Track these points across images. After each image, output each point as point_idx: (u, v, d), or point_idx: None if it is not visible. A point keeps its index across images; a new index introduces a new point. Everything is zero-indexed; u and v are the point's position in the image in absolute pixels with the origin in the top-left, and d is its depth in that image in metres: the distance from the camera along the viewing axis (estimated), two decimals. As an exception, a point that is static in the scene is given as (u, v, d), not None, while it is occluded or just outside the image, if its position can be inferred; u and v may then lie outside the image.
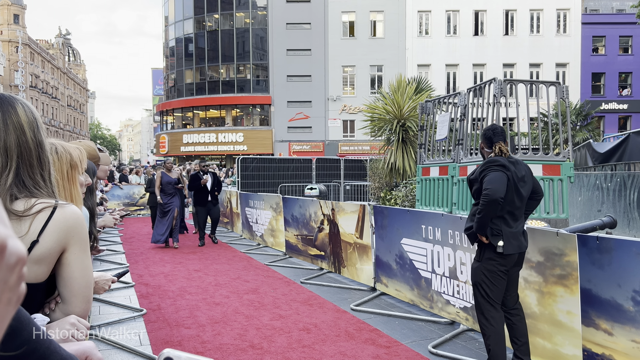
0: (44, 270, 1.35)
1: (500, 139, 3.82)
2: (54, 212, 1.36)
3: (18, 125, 1.37)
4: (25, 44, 54.39)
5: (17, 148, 1.36)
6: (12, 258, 0.46)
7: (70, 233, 1.38)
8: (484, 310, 3.65)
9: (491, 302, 3.62)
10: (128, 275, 7.46)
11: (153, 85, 61.89)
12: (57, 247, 1.36)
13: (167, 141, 38.91)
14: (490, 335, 3.61)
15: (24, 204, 1.34)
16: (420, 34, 34.85)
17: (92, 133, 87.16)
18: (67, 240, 1.37)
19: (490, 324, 3.61)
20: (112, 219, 3.31)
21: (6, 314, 0.48)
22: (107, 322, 5.21)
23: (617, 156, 11.02)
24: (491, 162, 3.65)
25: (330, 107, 35.12)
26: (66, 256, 1.38)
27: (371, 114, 13.64)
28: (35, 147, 1.39)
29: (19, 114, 1.38)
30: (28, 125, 1.39)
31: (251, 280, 7.26)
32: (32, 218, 1.33)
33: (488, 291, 3.61)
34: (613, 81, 35.40)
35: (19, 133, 1.37)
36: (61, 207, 1.38)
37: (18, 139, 1.36)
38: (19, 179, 1.36)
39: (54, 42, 68.73)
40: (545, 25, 34.78)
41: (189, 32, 38.38)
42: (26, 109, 1.41)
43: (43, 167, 1.41)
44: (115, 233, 12.44)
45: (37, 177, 1.39)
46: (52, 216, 1.35)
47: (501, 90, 7.24)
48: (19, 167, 1.36)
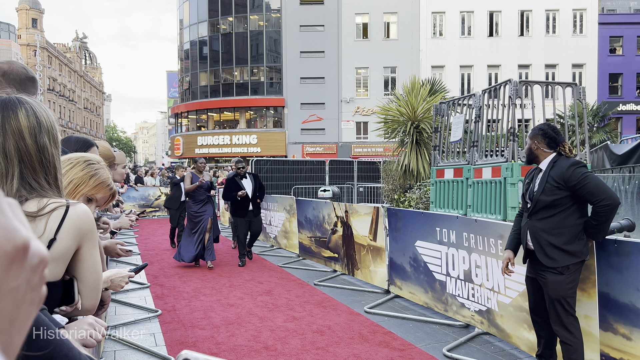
0: (61, 268, 1.38)
1: (563, 138, 3.58)
2: (67, 210, 1.39)
3: (17, 131, 1.37)
4: (44, 48, 55.25)
5: (17, 153, 1.37)
6: (35, 259, 0.47)
7: (84, 230, 1.41)
8: (567, 324, 3.37)
9: (574, 314, 3.40)
10: (144, 276, 7.54)
11: (168, 88, 62.41)
12: (74, 244, 1.39)
13: (181, 143, 39.22)
14: (578, 349, 3.36)
15: (36, 204, 1.36)
16: (434, 35, 34.67)
17: (108, 135, 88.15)
18: (82, 238, 1.41)
19: (576, 337, 3.36)
20: (128, 221, 3.35)
21: (30, 315, 0.49)
22: (122, 323, 5.26)
23: (635, 158, 10.84)
24: (578, 163, 3.37)
25: (344, 109, 35.10)
26: (80, 253, 1.42)
27: (385, 115, 13.60)
28: (37, 152, 1.39)
29: (20, 118, 1.39)
30: (28, 130, 1.39)
31: (265, 281, 7.28)
32: (47, 217, 1.35)
33: (572, 303, 3.38)
34: (631, 82, 34.86)
35: (17, 138, 1.37)
36: (73, 206, 1.41)
37: (17, 144, 1.37)
38: (25, 182, 1.37)
39: (71, 45, 69.68)
40: (561, 26, 34.38)
41: (204, 35, 38.67)
42: (29, 114, 1.41)
43: (47, 171, 1.42)
44: (131, 234, 12.57)
45: (42, 181, 1.40)
46: (66, 215, 1.38)
47: (516, 91, 7.18)
48: (22, 172, 1.37)
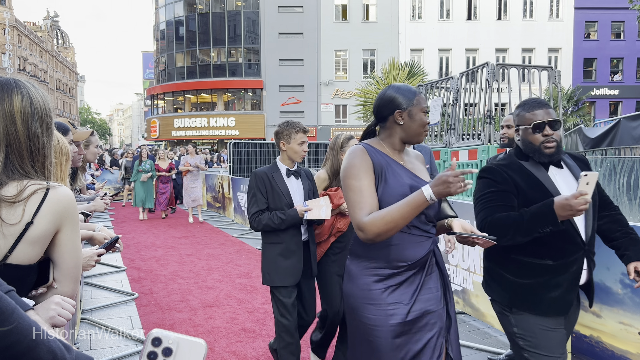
0: (37, 252, 1.35)
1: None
2: (47, 193, 1.35)
3: (9, 115, 1.35)
4: (13, 26, 53.46)
5: (6, 137, 1.35)
6: None
7: (64, 214, 1.37)
8: None
9: None
10: (120, 259, 7.45)
11: (143, 69, 61.18)
12: (52, 228, 1.35)
13: (157, 125, 38.62)
14: None
15: (16, 186, 1.33)
16: (413, 18, 34.63)
17: (82, 117, 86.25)
18: (61, 221, 1.37)
19: None
20: (103, 204, 3.28)
21: None
22: (98, 306, 5.21)
23: (607, 141, 11.10)
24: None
25: (323, 92, 34.95)
26: (59, 237, 1.38)
27: (364, 98, 13.62)
28: (27, 138, 1.37)
29: (14, 102, 1.36)
30: (21, 115, 1.37)
31: (243, 264, 7.27)
32: (25, 202, 1.32)
33: None
34: (605, 67, 35.49)
35: (8, 122, 1.35)
36: (54, 189, 1.37)
37: (7, 128, 1.35)
38: (9, 167, 1.34)
39: (42, 24, 67.59)
40: (538, 10, 34.69)
41: (180, 15, 37.88)
42: (24, 98, 1.38)
43: (35, 159, 1.39)
44: (107, 217, 12.38)
45: (28, 167, 1.38)
46: (45, 197, 1.34)
47: (494, 74, 7.23)
48: (8, 157, 1.35)
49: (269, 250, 3.32)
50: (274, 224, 3.20)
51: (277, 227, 3.21)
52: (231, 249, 8.41)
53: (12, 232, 1.29)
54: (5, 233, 1.29)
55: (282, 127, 3.39)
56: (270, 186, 3.31)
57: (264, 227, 3.25)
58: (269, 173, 3.37)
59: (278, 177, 3.37)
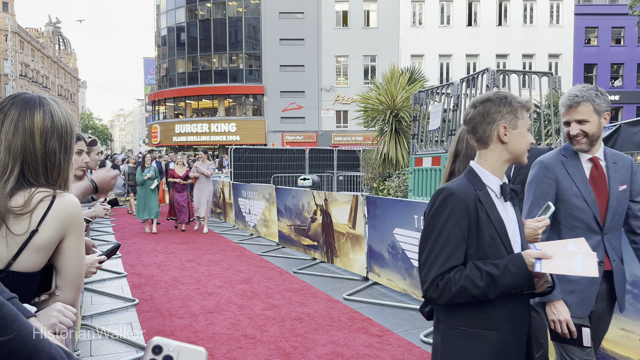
0: (42, 259, 1.35)
1: None
2: (53, 201, 1.36)
3: (28, 131, 1.36)
4: (15, 32, 53.66)
5: (23, 152, 1.36)
6: None
7: (70, 222, 1.38)
8: None
9: None
10: (120, 265, 7.45)
11: (145, 75, 61.33)
12: (57, 236, 1.36)
13: (159, 131, 38.68)
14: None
15: (23, 195, 1.33)
16: (414, 24, 34.72)
17: (84, 123, 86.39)
18: (67, 230, 1.37)
19: None
20: (103, 209, 3.28)
21: None
22: (99, 312, 5.20)
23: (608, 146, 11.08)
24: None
25: (324, 98, 35.01)
26: (63, 244, 1.39)
27: (364, 104, 13.62)
28: (44, 155, 1.38)
29: (35, 119, 1.38)
30: (40, 132, 1.38)
31: (244, 270, 7.26)
32: (32, 212, 1.33)
33: None
34: (605, 72, 35.52)
35: (27, 138, 1.36)
36: (60, 196, 1.38)
37: (25, 144, 1.36)
38: (19, 182, 1.35)
39: (44, 30, 67.84)
40: (538, 16, 34.77)
41: (181, 21, 38.01)
42: (46, 116, 1.40)
43: (49, 174, 1.40)
44: (107, 223, 12.39)
45: (41, 181, 1.39)
46: (51, 205, 1.35)
47: (494, 80, 7.25)
48: (23, 171, 1.36)
49: (464, 346, 1.74)
50: (477, 288, 1.66)
51: (480, 295, 1.67)
52: (232, 255, 8.41)
53: (17, 241, 1.30)
54: (10, 242, 1.30)
55: (492, 101, 1.76)
56: (475, 220, 1.73)
57: (454, 297, 1.70)
58: (473, 193, 1.76)
59: (486, 200, 1.77)
